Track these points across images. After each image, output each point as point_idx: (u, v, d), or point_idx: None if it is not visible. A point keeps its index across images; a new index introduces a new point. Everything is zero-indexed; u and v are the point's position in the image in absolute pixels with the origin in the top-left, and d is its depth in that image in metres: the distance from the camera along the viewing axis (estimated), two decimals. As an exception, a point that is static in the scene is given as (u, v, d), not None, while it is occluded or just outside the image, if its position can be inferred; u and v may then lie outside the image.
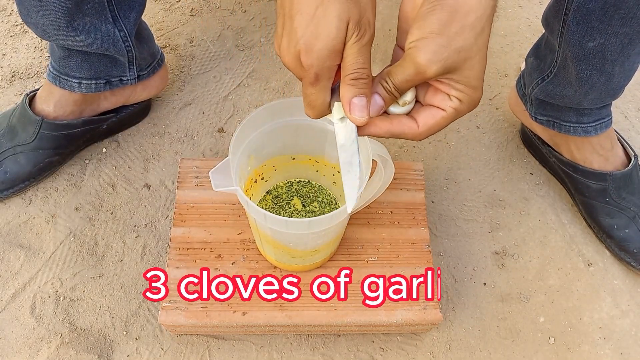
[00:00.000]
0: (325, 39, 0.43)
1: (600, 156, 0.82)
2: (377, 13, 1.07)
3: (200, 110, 0.96)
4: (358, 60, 0.44)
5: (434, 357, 0.76)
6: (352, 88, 0.45)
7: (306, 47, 0.44)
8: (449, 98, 0.45)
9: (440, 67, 0.43)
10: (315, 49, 0.44)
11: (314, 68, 0.44)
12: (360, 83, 0.45)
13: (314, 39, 0.43)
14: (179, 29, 1.05)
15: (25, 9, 0.72)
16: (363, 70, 0.44)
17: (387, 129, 0.47)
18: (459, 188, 0.90)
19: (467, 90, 0.44)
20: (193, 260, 0.72)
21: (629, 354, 0.77)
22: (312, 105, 0.48)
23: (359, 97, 0.45)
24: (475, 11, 0.42)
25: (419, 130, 0.47)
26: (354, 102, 0.45)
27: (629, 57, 0.68)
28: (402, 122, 0.47)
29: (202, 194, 0.77)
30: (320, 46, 0.43)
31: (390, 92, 0.46)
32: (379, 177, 0.64)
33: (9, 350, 0.74)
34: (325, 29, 0.43)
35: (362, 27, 0.44)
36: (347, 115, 0.46)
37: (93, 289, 0.79)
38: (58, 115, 0.83)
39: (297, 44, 0.44)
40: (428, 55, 0.42)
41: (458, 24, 0.42)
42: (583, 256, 0.84)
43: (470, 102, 0.45)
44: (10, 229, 0.83)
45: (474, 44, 0.43)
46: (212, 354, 0.75)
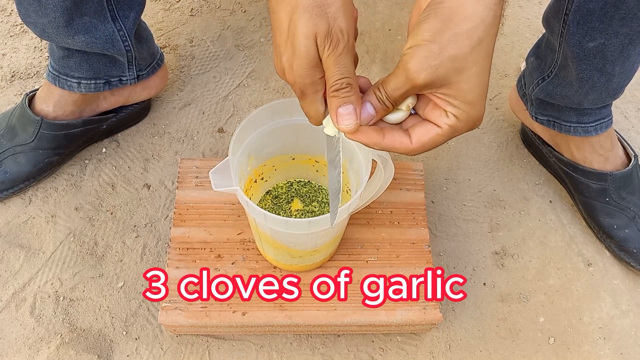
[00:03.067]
0: (299, 56, 0.44)
1: (601, 156, 0.82)
2: (376, 13, 1.08)
3: (200, 110, 0.95)
4: (336, 73, 0.44)
5: (434, 357, 0.76)
6: (335, 99, 0.45)
7: (288, 65, 0.45)
8: (445, 114, 0.44)
9: (430, 75, 0.42)
10: (294, 66, 0.45)
11: (297, 84, 0.46)
12: (343, 93, 0.45)
13: (291, 56, 0.45)
14: (179, 29, 1.05)
15: (24, 9, 0.72)
16: (343, 80, 0.44)
17: (377, 141, 0.47)
18: (459, 188, 0.90)
19: (463, 107, 0.43)
20: (193, 260, 0.72)
21: (628, 354, 0.77)
22: (308, 115, 0.49)
23: (344, 106, 0.45)
24: (471, 20, 0.41)
25: (412, 146, 0.46)
26: (339, 112, 0.45)
27: (629, 57, 0.68)
28: (394, 136, 0.46)
29: (202, 194, 0.77)
30: (297, 64, 0.44)
31: (383, 101, 0.45)
32: (379, 177, 0.64)
33: (9, 350, 0.74)
34: (297, 47, 0.44)
35: (333, 38, 0.44)
36: (337, 127, 0.46)
37: (93, 289, 0.79)
38: (58, 115, 0.83)
39: (281, 62, 0.46)
40: (419, 61, 0.41)
41: (451, 31, 0.41)
42: (583, 256, 0.84)
43: (468, 120, 0.44)
44: (10, 229, 0.83)
45: (469, 55, 0.41)
46: (212, 354, 0.75)
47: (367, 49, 1.04)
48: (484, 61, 0.42)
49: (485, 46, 0.42)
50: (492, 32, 0.42)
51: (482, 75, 0.42)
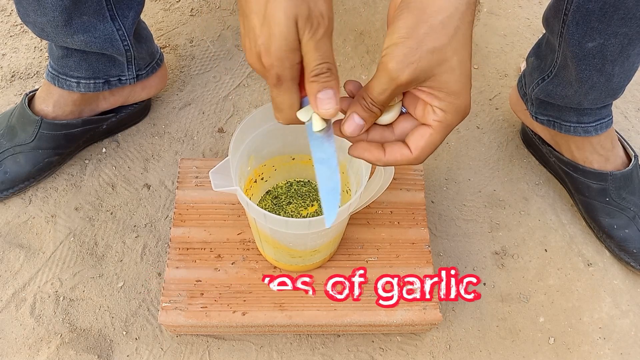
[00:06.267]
0: (278, 38, 0.42)
1: (601, 156, 0.82)
2: (376, 13, 1.08)
3: (200, 110, 0.95)
4: (316, 57, 0.43)
5: (434, 357, 0.76)
6: (316, 84, 0.44)
7: (264, 48, 0.43)
8: (432, 111, 0.44)
9: (413, 71, 0.41)
10: (273, 49, 0.43)
11: (274, 68, 0.44)
12: (323, 77, 0.44)
13: (269, 39, 0.43)
14: (179, 29, 1.05)
15: (24, 8, 0.72)
16: (323, 65, 0.44)
17: (379, 158, 0.47)
18: (459, 188, 0.90)
19: (449, 98, 0.43)
20: (193, 260, 0.72)
21: (628, 354, 0.77)
22: (280, 108, 0.47)
23: (323, 91, 0.44)
24: (444, 10, 0.40)
25: (413, 155, 0.46)
26: (319, 96, 0.44)
27: (629, 58, 0.68)
28: (394, 150, 0.46)
29: (202, 194, 0.77)
30: (276, 46, 0.43)
31: (369, 109, 0.45)
32: (379, 177, 0.64)
33: (9, 350, 0.74)
34: (276, 28, 0.42)
35: (314, 22, 0.42)
36: (316, 111, 0.45)
37: (93, 289, 0.79)
38: (57, 115, 0.83)
39: (256, 45, 0.44)
40: (398, 59, 0.41)
41: (426, 24, 0.40)
42: (583, 256, 0.84)
43: (457, 111, 0.44)
44: (10, 229, 0.83)
45: (448, 45, 0.41)
46: (212, 354, 0.75)
47: (367, 49, 1.04)
48: (464, 49, 0.42)
49: (463, 34, 0.41)
50: (468, 19, 0.41)
51: (463, 64, 0.42)
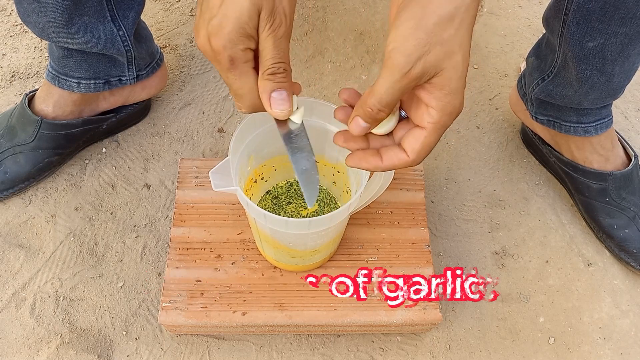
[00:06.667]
0: (235, 20, 0.41)
1: (601, 156, 0.82)
2: (376, 13, 1.08)
3: (200, 110, 0.95)
4: (274, 55, 0.43)
5: (434, 357, 0.76)
6: (270, 83, 0.44)
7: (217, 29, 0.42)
8: (427, 112, 0.43)
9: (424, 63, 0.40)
10: (226, 30, 0.42)
11: (227, 50, 0.42)
12: (279, 77, 0.44)
13: (224, 20, 0.42)
14: (179, 29, 1.05)
15: (24, 8, 0.72)
16: (280, 64, 0.43)
17: (376, 164, 0.46)
18: (459, 188, 0.90)
19: (447, 98, 0.42)
20: (193, 261, 0.72)
21: (628, 354, 0.77)
22: (239, 93, 0.45)
23: (278, 91, 0.44)
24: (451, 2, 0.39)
25: (410, 158, 0.45)
26: (273, 96, 0.44)
27: (629, 57, 0.68)
28: (390, 154, 0.46)
29: (202, 194, 0.77)
30: (230, 28, 0.42)
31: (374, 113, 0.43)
32: (379, 177, 0.64)
33: (9, 350, 0.74)
34: (236, 11, 0.41)
35: (276, 18, 0.42)
36: (268, 110, 0.45)
37: (93, 289, 0.79)
38: (57, 115, 0.83)
39: (208, 26, 0.42)
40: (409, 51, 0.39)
41: (434, 15, 0.39)
42: (583, 256, 0.84)
43: (452, 112, 0.43)
44: (10, 229, 0.83)
45: (455, 37, 0.40)
46: (212, 354, 0.75)
47: (367, 49, 1.04)
48: (467, 45, 0.41)
49: (466, 29, 0.41)
50: (472, 13, 0.41)
51: (465, 61, 0.41)
